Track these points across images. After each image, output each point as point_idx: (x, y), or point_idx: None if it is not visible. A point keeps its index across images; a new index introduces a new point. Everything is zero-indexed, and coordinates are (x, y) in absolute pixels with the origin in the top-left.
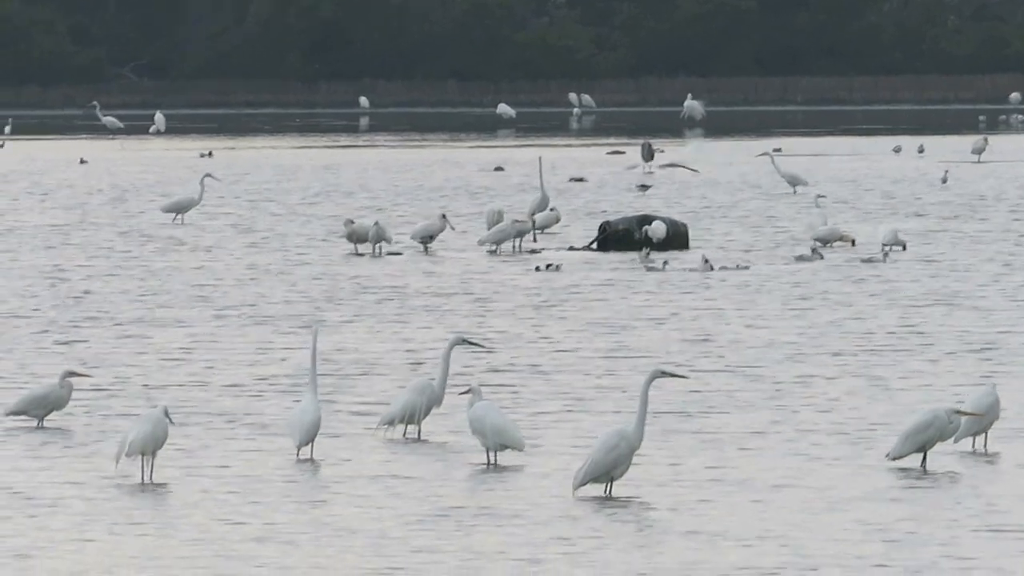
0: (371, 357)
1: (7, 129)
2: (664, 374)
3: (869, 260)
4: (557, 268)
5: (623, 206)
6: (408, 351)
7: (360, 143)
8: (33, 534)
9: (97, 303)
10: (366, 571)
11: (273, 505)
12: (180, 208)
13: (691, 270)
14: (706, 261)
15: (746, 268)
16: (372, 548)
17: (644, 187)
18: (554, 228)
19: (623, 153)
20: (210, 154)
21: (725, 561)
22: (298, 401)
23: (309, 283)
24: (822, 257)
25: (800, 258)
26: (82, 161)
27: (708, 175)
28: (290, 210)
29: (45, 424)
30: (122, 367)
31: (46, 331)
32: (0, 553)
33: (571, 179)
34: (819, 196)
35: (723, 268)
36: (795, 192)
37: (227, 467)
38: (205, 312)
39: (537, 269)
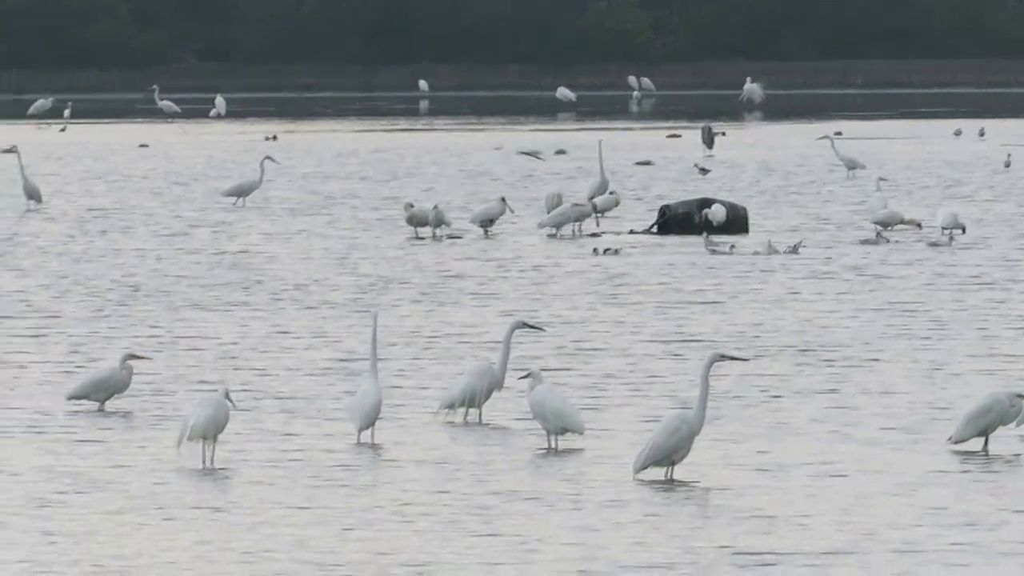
0: (430, 341)
1: (67, 113)
2: (724, 358)
3: (935, 244)
4: (616, 252)
5: (682, 190)
6: (467, 335)
7: (419, 127)
8: (93, 518)
9: (156, 287)
10: (424, 556)
11: (332, 490)
12: (241, 192)
13: (755, 253)
14: (770, 245)
15: (807, 251)
16: (431, 533)
17: (703, 170)
18: (614, 211)
19: (679, 136)
20: (275, 137)
21: (786, 544)
22: (358, 385)
23: (368, 267)
24: (887, 241)
25: (865, 242)
26: (142, 145)
27: (766, 158)
28: (349, 194)
29: (106, 408)
30: (181, 351)
31: (105, 315)
32: (58, 536)
33: (637, 163)
34: (881, 179)
35: (785, 251)
36: (852, 176)
37: (285, 451)
38: (263, 296)
39: (595, 252)
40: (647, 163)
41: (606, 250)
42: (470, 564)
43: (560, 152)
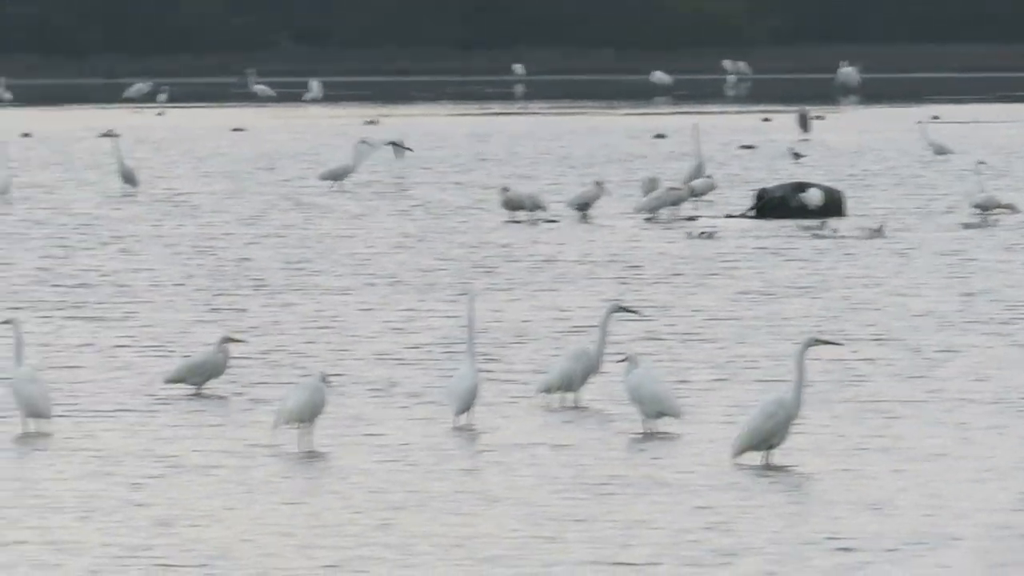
0: (526, 325)
1: (162, 97)
2: (819, 342)
3: None
4: (710, 235)
5: (777, 174)
6: (563, 318)
7: (514, 111)
8: (186, 503)
9: (251, 271)
10: (519, 540)
11: (427, 474)
12: (337, 175)
13: (855, 237)
14: (865, 228)
15: (901, 235)
16: (527, 517)
17: (797, 155)
18: (710, 195)
19: (769, 120)
20: (375, 121)
21: (879, 529)
22: (455, 369)
23: (463, 250)
24: (984, 224)
25: (966, 226)
26: (236, 129)
27: (861, 142)
28: (443, 177)
29: (203, 391)
30: (276, 335)
31: (201, 299)
32: (151, 521)
33: (741, 146)
34: (979, 163)
35: (876, 235)
36: (943, 160)
37: (381, 435)
38: (358, 280)
39: (689, 236)
40: (750, 147)
41: (701, 233)
42: (561, 549)
43: (659, 136)
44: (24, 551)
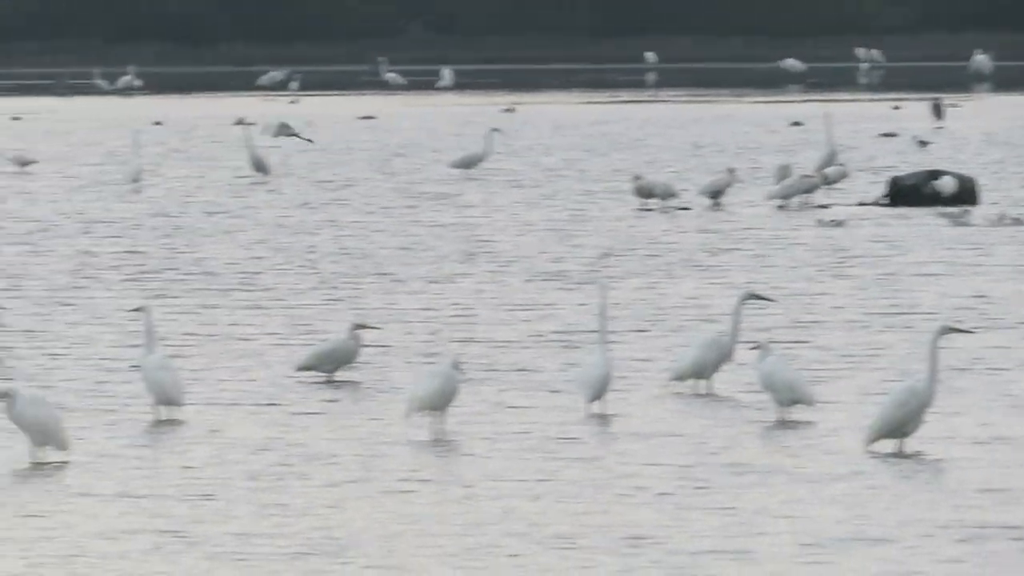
0: (658, 312)
1: (294, 85)
2: (952, 330)
3: None
4: (840, 223)
5: (907, 161)
6: (694, 306)
7: (645, 98)
8: (316, 491)
9: (380, 259)
10: (643, 529)
11: (556, 462)
12: (468, 163)
13: (988, 225)
14: (999, 216)
15: None
16: (653, 505)
17: (923, 143)
18: (842, 183)
19: (899, 108)
20: (512, 109)
21: (1011, 518)
22: (586, 357)
23: (593, 239)
24: None
25: None
26: (366, 117)
27: (993, 130)
28: (574, 165)
29: (334, 379)
30: (406, 323)
31: (329, 287)
32: (278, 509)
33: (881, 135)
34: None
35: (1010, 223)
36: None
37: (512, 423)
38: (487, 268)
39: (819, 223)
40: (891, 135)
41: (831, 221)
42: (692, 537)
43: (795, 124)
44: (148, 540)
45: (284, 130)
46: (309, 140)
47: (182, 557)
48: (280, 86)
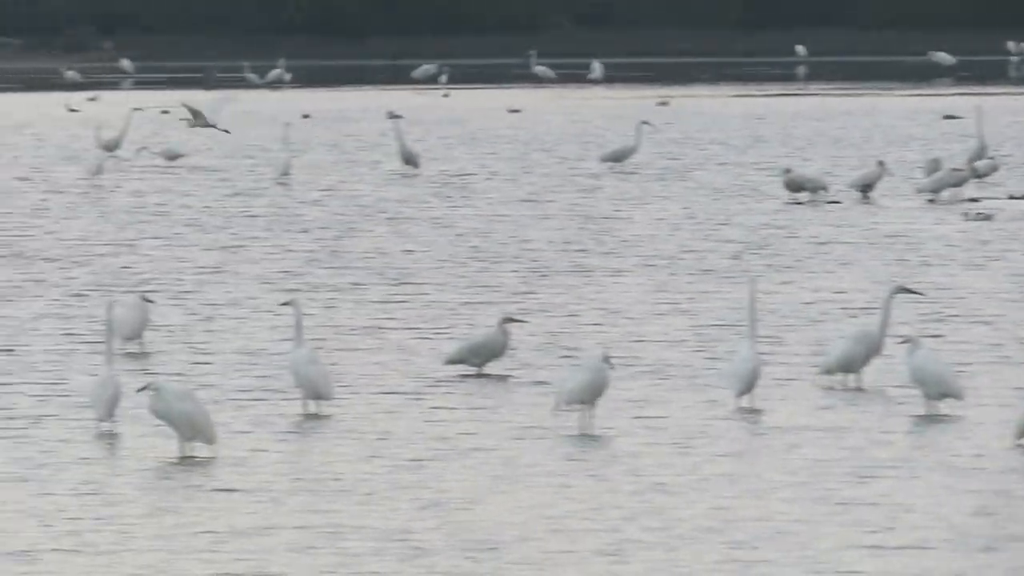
0: (806, 306)
1: (443, 78)
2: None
3: None
4: (988, 217)
5: None
6: (843, 300)
7: (794, 91)
8: (461, 484)
9: (529, 252)
10: (789, 522)
11: (702, 457)
12: (619, 157)
13: None
14: None
15: None
16: (798, 499)
17: None
18: (993, 177)
19: None
20: (666, 103)
21: None
22: (735, 351)
23: (742, 232)
24: None
25: None
26: (514, 111)
27: None
28: (721, 159)
29: (483, 372)
30: (555, 316)
31: (478, 280)
32: (425, 503)
33: None
34: None
35: None
36: None
37: (660, 418)
38: (636, 262)
39: (965, 217)
40: None
41: (977, 214)
42: (833, 531)
43: (949, 117)
44: (289, 535)
45: (199, 121)
46: (226, 131)
47: (322, 552)
48: (432, 79)
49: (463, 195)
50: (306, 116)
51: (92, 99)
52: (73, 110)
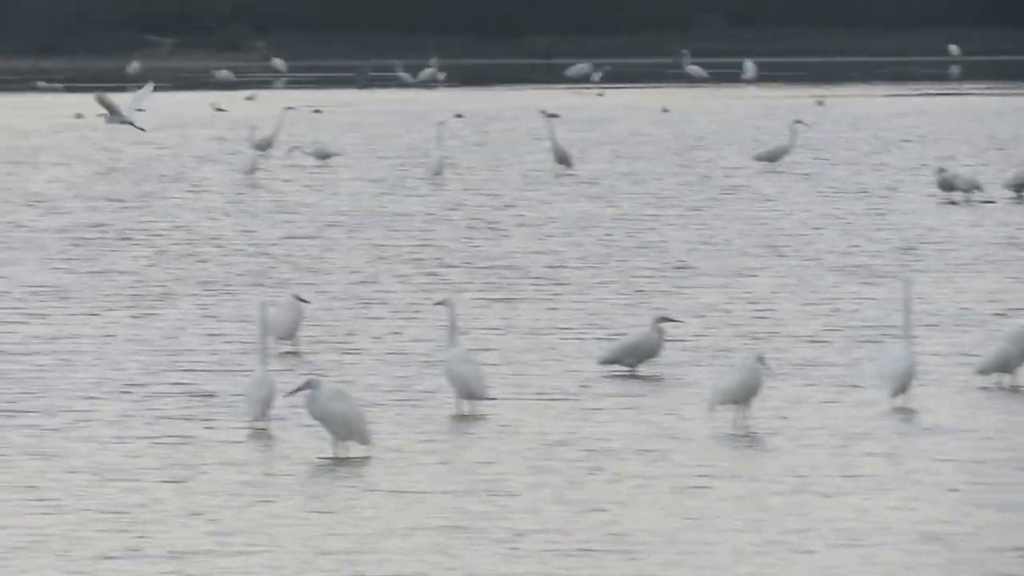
0: (960, 307)
1: (596, 77)
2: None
3: None
4: None
5: None
6: (997, 300)
7: (948, 91)
8: (613, 487)
9: (679, 252)
10: (938, 524)
11: (854, 456)
12: (773, 156)
13: None
14: None
15: None
16: (948, 501)
17: None
18: None
19: None
20: (822, 102)
21: None
22: (887, 351)
23: (892, 232)
24: None
25: None
26: (664, 110)
27: None
28: (876, 158)
29: (637, 373)
30: (709, 316)
31: (627, 280)
32: (571, 504)
33: None
34: None
35: None
36: None
37: (810, 418)
38: (785, 262)
39: None
40: None
41: None
42: (984, 534)
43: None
44: (437, 536)
45: (116, 119)
46: (141, 129)
47: (469, 553)
48: (586, 78)
49: (614, 194)
50: (459, 115)
51: (249, 98)
52: (220, 109)
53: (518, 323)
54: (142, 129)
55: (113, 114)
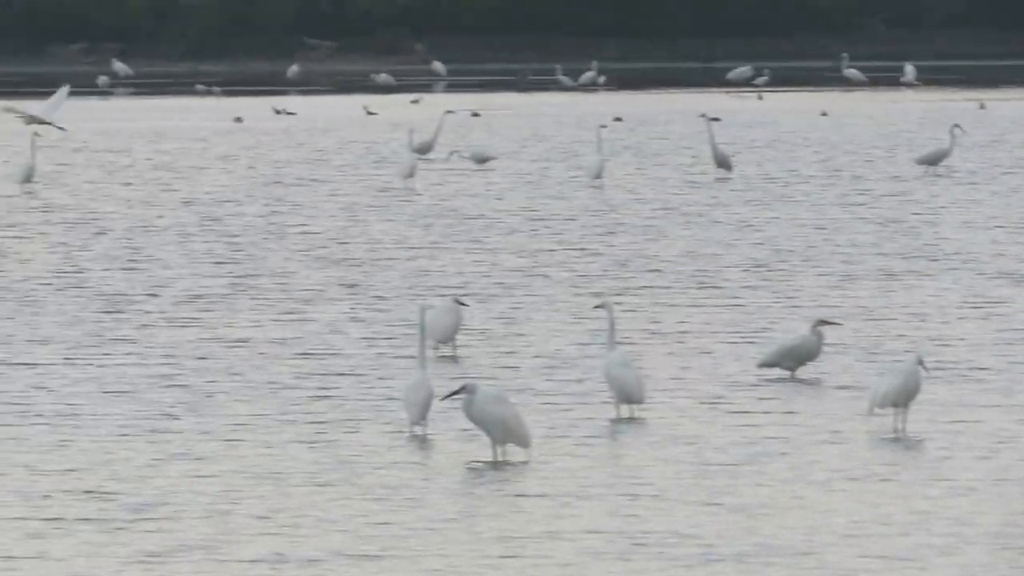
0: None
1: (761, 80)
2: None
3: None
4: None
5: None
6: None
7: None
8: (771, 491)
9: (842, 255)
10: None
11: (1011, 460)
12: (934, 160)
13: None
14: None
15: None
16: None
17: None
18: None
19: None
20: (983, 106)
21: None
22: None
23: None
24: None
25: None
26: (823, 114)
27: None
28: None
29: (797, 376)
30: (867, 319)
31: (785, 283)
32: (722, 508)
33: None
34: None
35: None
36: None
37: (975, 422)
38: (942, 265)
39: None
40: None
41: None
42: None
43: None
44: (589, 541)
45: (35, 120)
46: (62, 128)
47: (619, 558)
48: (747, 81)
49: (772, 198)
50: (618, 119)
51: (415, 101)
52: (371, 113)
53: (672, 326)
54: (62, 128)
55: (32, 119)
